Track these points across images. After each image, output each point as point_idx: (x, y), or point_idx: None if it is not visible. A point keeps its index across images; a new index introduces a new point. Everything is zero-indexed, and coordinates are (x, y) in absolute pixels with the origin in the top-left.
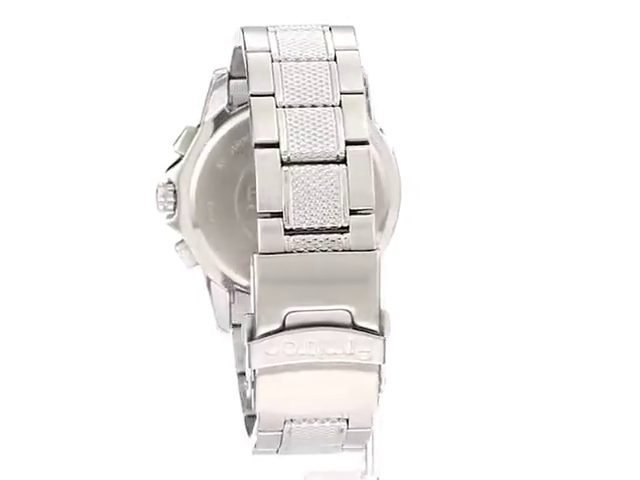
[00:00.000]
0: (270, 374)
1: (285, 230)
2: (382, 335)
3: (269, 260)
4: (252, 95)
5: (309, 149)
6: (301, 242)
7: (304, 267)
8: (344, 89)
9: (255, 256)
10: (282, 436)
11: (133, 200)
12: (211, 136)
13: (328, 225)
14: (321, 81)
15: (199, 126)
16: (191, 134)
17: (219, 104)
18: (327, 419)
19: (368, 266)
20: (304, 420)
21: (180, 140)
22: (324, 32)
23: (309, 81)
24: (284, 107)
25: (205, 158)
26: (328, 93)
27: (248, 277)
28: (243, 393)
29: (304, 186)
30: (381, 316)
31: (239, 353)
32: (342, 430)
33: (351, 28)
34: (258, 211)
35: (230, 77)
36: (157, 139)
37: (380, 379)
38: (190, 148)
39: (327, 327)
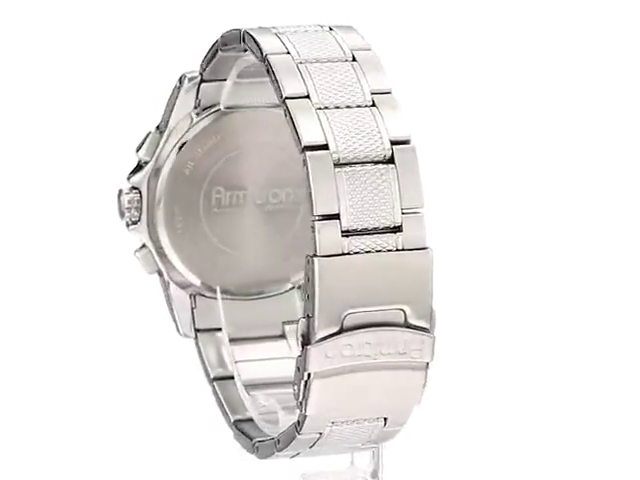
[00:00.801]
0: (325, 377)
1: (342, 232)
2: (431, 332)
3: (328, 262)
4: (287, 98)
5: (358, 150)
6: (356, 243)
7: (361, 268)
8: (373, 89)
9: (315, 259)
10: (318, 439)
11: (82, 208)
12: (178, 141)
13: (382, 225)
14: (349, 81)
15: (159, 130)
16: (156, 139)
17: (186, 108)
18: (366, 419)
19: (422, 265)
20: (345, 422)
21: (145, 146)
22: (329, 32)
23: (337, 82)
24: (320, 109)
25: (172, 163)
26: (359, 93)
27: (211, 282)
28: (227, 398)
29: (355, 187)
30: (431, 314)
31: (212, 358)
32: (374, 429)
33: (351, 28)
34: (315, 213)
35: (202, 80)
36: (108, 144)
37: (426, 376)
38: (157, 154)
39: (383, 327)
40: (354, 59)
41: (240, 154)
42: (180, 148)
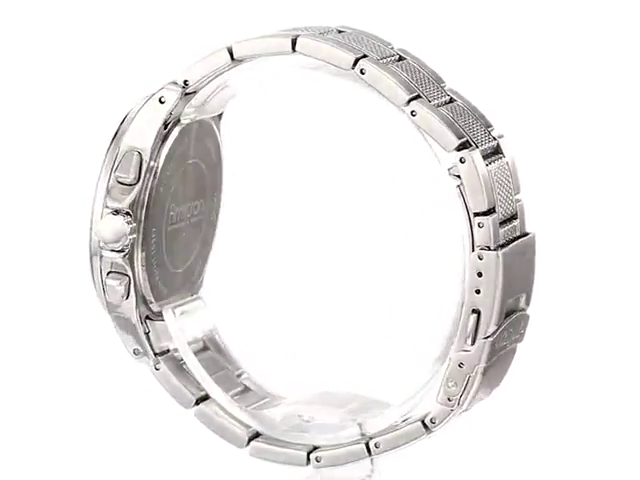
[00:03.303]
0: (486, 370)
1: (499, 224)
2: None
3: (501, 255)
4: (412, 99)
5: (484, 144)
6: (504, 233)
7: (512, 257)
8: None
9: (490, 253)
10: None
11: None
12: (156, 162)
13: (510, 214)
14: (425, 79)
15: (135, 149)
16: (138, 160)
17: (159, 124)
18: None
19: (531, 249)
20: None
21: (129, 167)
22: (350, 34)
23: (420, 80)
24: (434, 107)
25: (154, 186)
26: (439, 91)
27: (164, 302)
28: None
29: (495, 179)
30: None
31: (185, 381)
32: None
33: (352, 27)
34: (482, 209)
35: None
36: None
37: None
38: (143, 173)
39: (518, 313)
40: (402, 57)
41: (188, 168)
42: (156, 170)
